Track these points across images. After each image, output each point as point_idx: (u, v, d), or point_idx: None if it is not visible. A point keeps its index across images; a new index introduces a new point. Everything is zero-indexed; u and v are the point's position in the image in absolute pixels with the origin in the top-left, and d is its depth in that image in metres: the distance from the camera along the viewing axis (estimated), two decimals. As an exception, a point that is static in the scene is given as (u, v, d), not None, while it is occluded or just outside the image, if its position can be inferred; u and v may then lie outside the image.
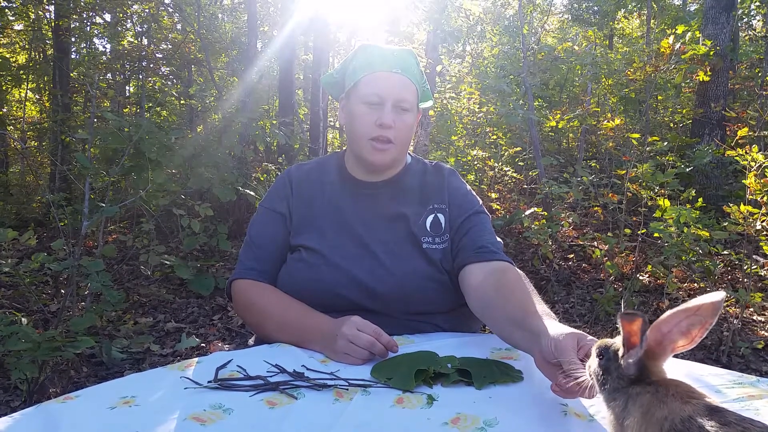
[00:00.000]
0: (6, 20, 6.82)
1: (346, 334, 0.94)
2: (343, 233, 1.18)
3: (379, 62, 1.15)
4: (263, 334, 1.13)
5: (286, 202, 1.23)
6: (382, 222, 1.19)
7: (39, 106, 9.07)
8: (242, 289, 1.18)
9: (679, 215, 3.18)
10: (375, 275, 1.13)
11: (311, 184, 1.25)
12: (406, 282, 1.12)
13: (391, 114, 1.13)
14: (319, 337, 1.00)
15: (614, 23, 11.48)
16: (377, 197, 1.21)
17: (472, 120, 6.81)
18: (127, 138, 3.12)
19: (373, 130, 1.13)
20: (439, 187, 1.23)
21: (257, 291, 1.16)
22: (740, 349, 2.89)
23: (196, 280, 3.82)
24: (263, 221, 1.24)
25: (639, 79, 5.31)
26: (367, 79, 1.14)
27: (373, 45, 1.20)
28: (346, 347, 0.94)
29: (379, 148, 1.14)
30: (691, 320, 0.60)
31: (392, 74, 1.14)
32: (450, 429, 0.72)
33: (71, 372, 2.53)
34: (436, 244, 1.17)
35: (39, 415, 0.74)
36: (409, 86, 1.15)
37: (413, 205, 1.21)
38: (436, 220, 1.20)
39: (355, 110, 1.16)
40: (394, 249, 1.16)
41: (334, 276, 1.13)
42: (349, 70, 1.20)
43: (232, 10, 9.77)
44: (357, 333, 0.94)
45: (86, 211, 2.82)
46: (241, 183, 4.38)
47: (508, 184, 6.26)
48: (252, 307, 1.15)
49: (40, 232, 5.35)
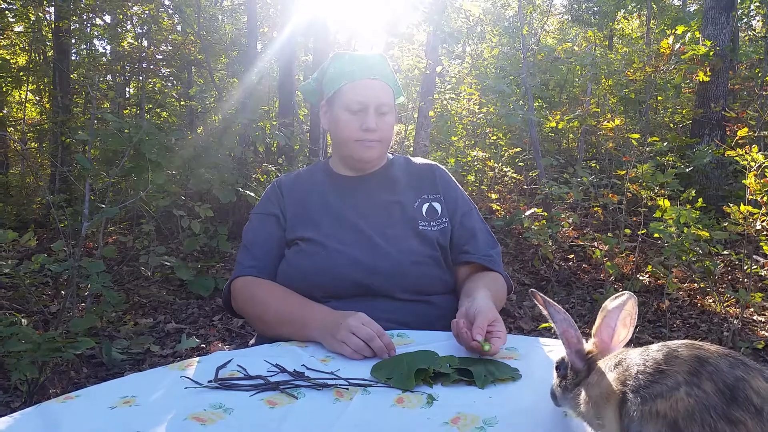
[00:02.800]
0: (6, 22, 6.83)
1: (351, 325, 0.96)
2: (338, 223, 1.23)
3: (357, 70, 1.23)
4: (263, 327, 1.16)
5: (278, 203, 1.29)
6: (374, 209, 1.25)
7: (39, 107, 9.07)
8: (242, 285, 1.21)
9: (679, 215, 3.18)
10: (373, 254, 1.17)
11: (301, 186, 1.31)
12: (403, 258, 1.18)
13: (374, 118, 1.21)
14: (318, 324, 1.02)
15: (614, 24, 11.49)
16: (366, 188, 1.29)
17: (472, 121, 6.81)
18: (127, 139, 3.12)
19: (359, 134, 1.22)
20: (431, 180, 1.32)
21: (257, 284, 1.20)
22: (740, 349, 2.88)
23: (196, 281, 3.83)
24: (257, 225, 1.29)
25: (639, 80, 5.31)
26: (347, 87, 1.23)
27: (347, 53, 1.28)
28: (346, 337, 0.96)
29: (367, 145, 1.23)
30: (616, 316, 0.67)
31: (371, 81, 1.23)
32: (450, 428, 0.72)
33: (71, 373, 2.53)
34: (431, 226, 1.25)
35: (39, 415, 0.74)
36: (386, 90, 1.24)
37: (404, 193, 1.28)
38: (431, 208, 1.28)
39: (339, 117, 1.24)
40: (387, 231, 1.22)
41: (334, 259, 1.17)
42: (326, 78, 1.27)
43: (232, 12, 9.77)
44: (360, 326, 0.96)
45: (86, 212, 2.82)
46: (241, 184, 4.38)
47: (508, 184, 6.26)
48: (252, 299, 1.18)
49: (41, 234, 5.35)
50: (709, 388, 0.44)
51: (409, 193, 1.28)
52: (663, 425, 0.45)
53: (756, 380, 0.44)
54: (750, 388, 0.44)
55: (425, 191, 1.29)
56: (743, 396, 0.43)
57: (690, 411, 0.44)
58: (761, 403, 0.43)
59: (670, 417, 0.45)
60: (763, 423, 0.42)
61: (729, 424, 0.42)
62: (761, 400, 0.43)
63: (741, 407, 0.43)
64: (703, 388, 0.45)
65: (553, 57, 9.16)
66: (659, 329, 3.23)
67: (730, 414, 0.43)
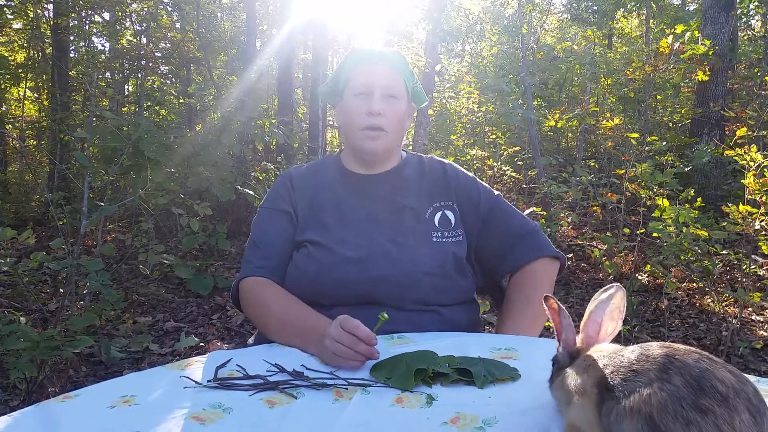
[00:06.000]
0: (5, 19, 6.81)
1: (332, 334, 0.91)
2: (347, 227, 1.19)
3: (364, 58, 1.21)
4: (266, 333, 1.12)
5: (289, 200, 1.24)
6: (385, 214, 1.20)
7: (38, 104, 9.05)
8: (249, 286, 1.17)
9: (677, 215, 3.19)
10: (384, 263, 1.13)
11: (312, 182, 1.26)
12: (414, 269, 1.13)
13: (380, 102, 1.17)
14: (315, 338, 0.97)
15: (613, 23, 11.49)
16: (378, 190, 1.24)
17: (471, 119, 6.82)
18: (126, 137, 3.12)
19: (364, 119, 1.18)
20: (444, 186, 1.26)
21: (262, 289, 1.15)
22: (739, 349, 2.89)
23: (195, 279, 3.82)
24: (268, 221, 1.24)
25: (638, 79, 5.32)
26: (354, 73, 1.21)
27: (360, 47, 1.27)
28: (332, 347, 0.90)
29: (371, 135, 1.19)
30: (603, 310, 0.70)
31: (377, 65, 1.20)
32: (449, 428, 0.72)
33: (70, 371, 2.53)
34: (445, 237, 1.20)
35: (39, 414, 0.74)
36: (394, 76, 1.20)
37: (416, 197, 1.23)
38: (444, 217, 1.23)
39: (347, 104, 1.21)
40: (397, 239, 1.17)
41: (341, 267, 1.13)
42: (340, 75, 1.26)
43: (231, 9, 9.76)
44: (341, 332, 0.90)
45: (85, 210, 2.82)
46: (240, 182, 4.37)
47: (507, 183, 6.27)
48: (257, 304, 1.14)
49: (39, 231, 5.34)
50: (678, 381, 0.47)
51: (422, 199, 1.23)
52: (639, 420, 0.48)
53: (719, 371, 0.48)
54: (715, 378, 0.47)
55: (438, 198, 1.24)
56: (709, 386, 0.46)
57: (663, 404, 0.47)
58: (726, 391, 0.46)
59: (645, 411, 0.47)
60: (729, 409, 0.45)
61: (699, 413, 0.45)
62: (726, 388, 0.46)
63: (708, 396, 0.46)
64: (673, 382, 0.48)
65: (553, 56, 9.15)
66: (658, 329, 3.23)
67: (699, 403, 0.46)
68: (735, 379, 0.48)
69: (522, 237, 1.25)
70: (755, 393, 0.47)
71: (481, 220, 1.25)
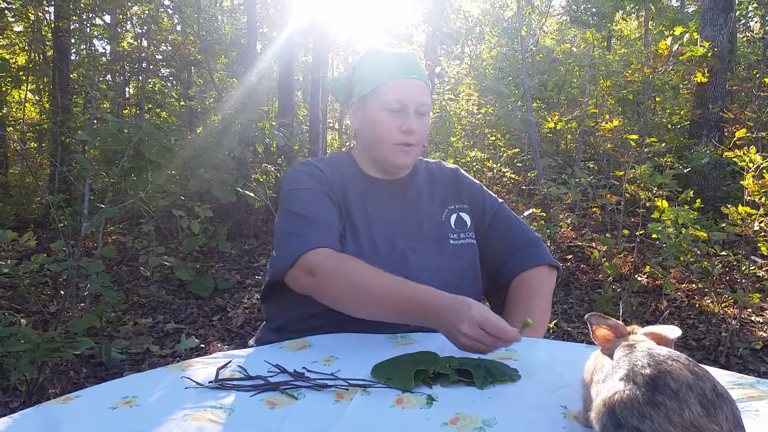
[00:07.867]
0: (6, 21, 6.82)
1: (469, 334, 0.89)
2: (372, 229, 1.18)
3: (396, 69, 1.17)
4: (356, 306, 1.04)
5: (328, 187, 1.18)
6: (405, 220, 1.21)
7: (39, 107, 9.07)
8: (327, 254, 1.06)
9: (677, 216, 3.19)
10: (404, 271, 1.08)
11: (339, 177, 1.22)
12: (433, 276, 1.10)
13: (415, 119, 1.16)
14: (446, 309, 0.93)
15: (612, 25, 11.50)
16: (396, 196, 1.24)
17: (471, 121, 6.81)
18: (126, 139, 3.12)
19: (397, 136, 1.16)
20: (456, 189, 1.29)
21: (345, 259, 1.07)
22: (738, 350, 2.89)
23: (196, 281, 3.83)
24: (314, 200, 1.15)
25: (637, 81, 5.32)
26: (388, 86, 1.16)
27: (383, 50, 1.22)
28: (469, 343, 0.90)
29: (405, 150, 1.18)
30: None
31: (412, 80, 1.17)
32: (449, 429, 0.72)
33: (70, 373, 2.53)
34: (462, 239, 1.22)
35: (39, 416, 0.74)
36: (426, 90, 1.19)
37: (431, 202, 1.25)
38: (460, 219, 1.25)
39: (376, 116, 1.17)
40: (417, 246, 1.18)
41: None
42: (360, 76, 1.21)
43: (232, 12, 9.77)
44: (479, 333, 0.89)
45: (86, 212, 2.82)
46: (241, 184, 4.38)
47: (506, 185, 6.27)
48: (347, 270, 1.05)
49: (40, 233, 5.35)
50: (639, 380, 0.55)
51: (436, 203, 1.24)
52: (605, 414, 0.56)
53: (677, 371, 0.55)
54: (669, 377, 0.54)
55: (451, 201, 1.26)
56: (663, 383, 0.54)
57: (623, 400, 0.55)
58: (677, 387, 0.53)
59: (609, 406, 0.56)
60: (679, 402, 0.52)
61: (653, 407, 0.52)
62: (677, 384, 0.53)
63: (661, 392, 0.53)
64: (635, 381, 0.56)
65: (552, 58, 9.16)
66: (657, 330, 3.23)
67: (654, 399, 0.53)
68: (692, 377, 0.54)
69: (523, 244, 1.27)
70: (713, 389, 0.53)
71: (486, 226, 1.27)
